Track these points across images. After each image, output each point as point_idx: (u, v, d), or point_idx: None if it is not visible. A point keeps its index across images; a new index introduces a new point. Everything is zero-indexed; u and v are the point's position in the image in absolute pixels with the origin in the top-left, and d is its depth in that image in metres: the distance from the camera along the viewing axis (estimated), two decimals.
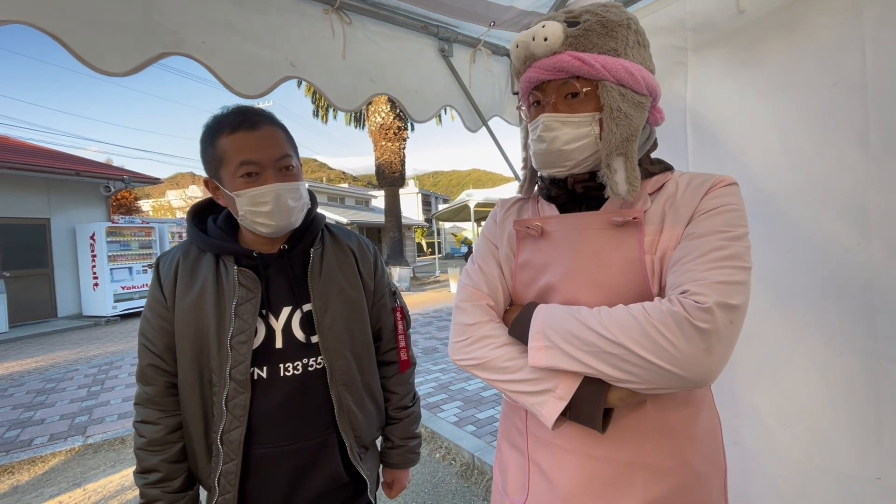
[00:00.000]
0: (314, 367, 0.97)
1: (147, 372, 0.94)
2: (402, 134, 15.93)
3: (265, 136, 0.88)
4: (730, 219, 0.67)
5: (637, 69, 0.72)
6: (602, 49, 0.71)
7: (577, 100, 0.73)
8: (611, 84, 0.70)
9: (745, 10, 1.13)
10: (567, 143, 0.73)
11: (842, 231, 0.98)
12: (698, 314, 0.58)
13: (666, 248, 0.70)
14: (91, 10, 1.05)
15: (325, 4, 1.43)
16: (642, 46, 0.75)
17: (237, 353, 0.90)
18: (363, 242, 1.12)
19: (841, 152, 0.99)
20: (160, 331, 0.94)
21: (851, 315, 0.98)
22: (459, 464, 2.97)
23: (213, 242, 0.95)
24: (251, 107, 0.92)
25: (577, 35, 0.71)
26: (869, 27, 0.94)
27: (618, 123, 0.70)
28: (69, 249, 9.95)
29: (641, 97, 0.72)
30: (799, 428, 1.09)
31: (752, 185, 1.11)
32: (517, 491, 0.83)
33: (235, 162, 0.86)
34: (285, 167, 0.90)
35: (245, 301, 0.92)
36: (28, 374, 5.55)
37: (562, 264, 0.77)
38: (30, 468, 3.10)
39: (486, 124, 1.89)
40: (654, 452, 0.71)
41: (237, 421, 0.91)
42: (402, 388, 1.15)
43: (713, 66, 1.23)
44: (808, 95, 1.04)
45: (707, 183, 0.72)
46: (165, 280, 0.95)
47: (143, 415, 0.94)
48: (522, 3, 1.67)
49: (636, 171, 0.71)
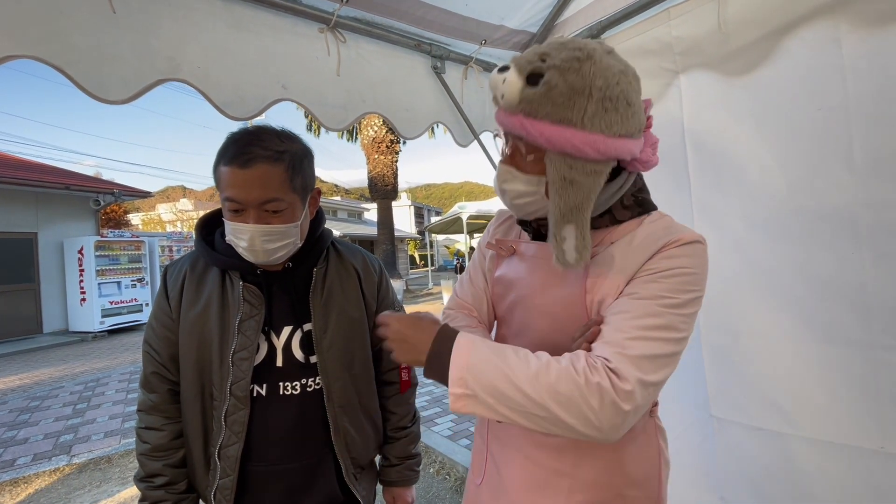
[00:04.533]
0: (312, 388, 0.97)
1: (151, 380, 0.95)
2: (395, 147, 16.04)
3: (255, 177, 0.84)
4: (676, 284, 0.65)
5: (589, 142, 0.64)
6: (555, 118, 0.64)
7: (524, 160, 0.71)
8: (554, 155, 0.66)
9: (727, 31, 1.20)
10: (517, 197, 0.74)
11: (836, 242, 1.09)
12: (624, 396, 0.60)
13: (605, 295, 0.70)
14: (94, 39, 1.08)
15: (320, 24, 1.46)
16: (610, 111, 0.64)
17: (238, 368, 0.90)
18: (369, 261, 1.11)
19: (831, 172, 1.08)
20: (165, 341, 0.95)
21: (848, 313, 1.10)
22: (454, 478, 2.93)
23: (219, 258, 0.95)
24: (255, 136, 0.87)
25: (532, 100, 0.65)
26: (848, 57, 1.02)
27: (561, 194, 0.66)
28: (56, 264, 9.79)
29: (596, 165, 0.66)
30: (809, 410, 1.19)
31: (755, 202, 1.21)
32: (477, 472, 0.93)
33: (224, 194, 0.87)
34: (271, 210, 0.87)
35: (248, 317, 0.92)
36: (11, 391, 5.41)
37: (523, 286, 0.83)
38: (12, 489, 3.01)
39: (477, 138, 1.93)
40: (581, 465, 0.78)
41: (235, 437, 0.91)
42: (401, 408, 1.14)
43: (705, 89, 1.29)
44: (796, 119, 1.12)
45: (663, 239, 0.69)
46: (172, 291, 0.96)
47: (147, 421, 0.95)
48: (512, 22, 1.72)
49: (586, 240, 0.67)
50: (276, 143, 0.88)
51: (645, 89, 1.50)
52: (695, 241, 0.69)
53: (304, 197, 0.93)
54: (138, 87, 1.14)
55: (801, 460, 1.19)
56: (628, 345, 0.62)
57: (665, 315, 0.64)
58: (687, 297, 0.66)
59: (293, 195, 0.89)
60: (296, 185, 0.89)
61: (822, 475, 1.15)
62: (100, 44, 1.09)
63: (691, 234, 0.70)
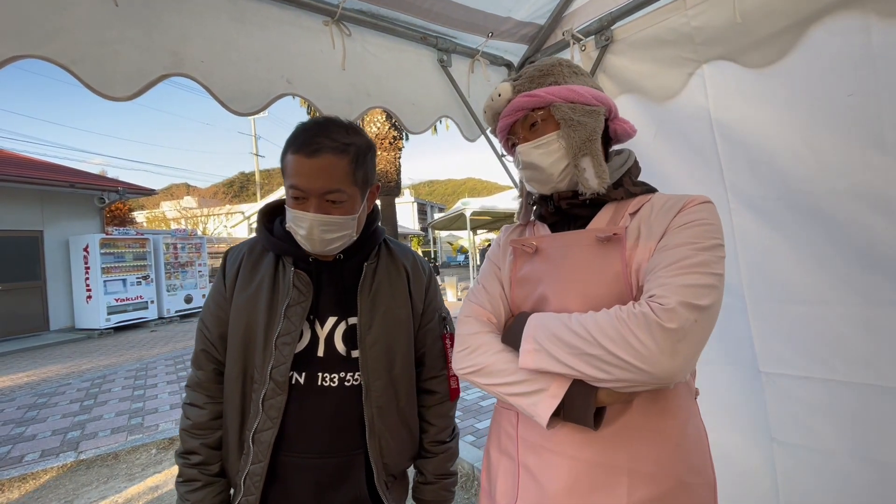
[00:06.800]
0: (351, 383, 0.96)
1: (200, 357, 0.98)
2: (398, 143, 15.99)
3: (320, 167, 0.86)
4: (700, 232, 0.73)
5: (580, 87, 0.84)
6: (544, 84, 0.85)
7: (538, 127, 0.85)
8: (559, 103, 0.83)
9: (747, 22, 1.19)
10: (542, 160, 0.84)
11: (870, 218, 1.12)
12: (663, 314, 0.64)
13: (641, 261, 0.76)
14: (97, 35, 1.06)
15: (325, 17, 1.44)
16: (580, 75, 0.89)
17: (280, 353, 0.91)
18: (419, 262, 1.10)
19: (862, 154, 1.10)
20: (217, 319, 0.98)
21: (887, 281, 1.12)
22: (459, 474, 2.93)
23: (275, 242, 0.97)
24: (324, 127, 0.90)
25: (522, 82, 0.88)
26: (878, 46, 1.03)
27: (574, 129, 0.81)
28: (62, 261, 9.84)
29: (592, 107, 0.84)
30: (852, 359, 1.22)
31: (787, 186, 1.23)
32: (506, 495, 0.86)
33: (288, 181, 0.89)
34: (331, 200, 0.88)
35: (296, 303, 0.93)
36: (19, 388, 5.45)
37: (554, 278, 0.83)
38: (20, 485, 3.03)
39: (484, 133, 1.90)
40: (638, 458, 0.75)
41: (270, 422, 0.91)
42: (441, 420, 1.08)
43: (731, 78, 1.29)
44: (825, 104, 1.13)
45: (680, 202, 0.78)
46: (230, 272, 0.98)
47: (192, 398, 0.97)
48: (519, 14, 1.69)
49: (603, 167, 0.81)
50: (343, 135, 0.90)
51: (665, 78, 1.44)
52: (706, 200, 0.78)
53: (364, 191, 0.94)
54: (142, 83, 1.13)
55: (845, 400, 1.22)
56: (668, 281, 0.68)
57: (697, 255, 0.70)
58: (712, 241, 0.72)
59: (354, 188, 0.91)
60: (358, 178, 0.91)
61: (865, 411, 1.19)
62: (103, 40, 1.07)
63: (702, 196, 0.79)
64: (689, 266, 0.69)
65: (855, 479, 1.22)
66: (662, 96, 1.42)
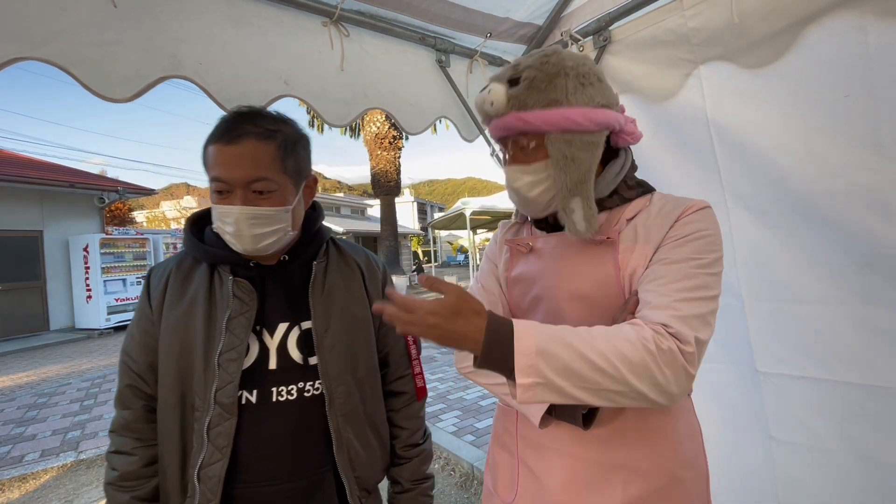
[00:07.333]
0: (311, 393, 0.87)
1: (126, 394, 0.86)
2: (398, 143, 16.01)
3: (242, 154, 0.79)
4: (701, 246, 0.71)
5: (580, 113, 0.73)
6: (542, 102, 0.73)
7: (528, 152, 0.78)
8: (555, 134, 0.74)
9: (745, 23, 1.19)
10: (529, 190, 0.79)
11: (866, 219, 1.12)
12: (690, 359, 0.63)
13: (636, 266, 0.74)
14: (96, 36, 1.06)
15: (323, 17, 1.44)
16: (587, 86, 0.75)
17: (225, 372, 0.81)
18: (372, 259, 1.04)
19: (859, 155, 1.10)
20: (144, 347, 0.86)
21: (885, 280, 1.13)
22: (459, 474, 2.94)
23: (208, 251, 0.87)
24: (247, 115, 0.84)
25: (519, 95, 0.74)
26: (874, 46, 1.03)
27: (565, 170, 0.74)
28: (62, 261, 9.84)
29: (591, 136, 0.75)
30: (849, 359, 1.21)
31: (784, 186, 1.23)
32: (507, 490, 0.87)
33: (210, 174, 0.81)
34: (258, 191, 0.80)
35: (238, 314, 0.83)
36: (19, 388, 5.46)
37: (547, 278, 0.83)
38: (21, 485, 3.04)
39: (483, 133, 1.90)
40: (633, 455, 0.76)
41: (219, 453, 0.80)
42: (411, 422, 1.03)
43: (727, 79, 1.29)
44: (822, 105, 1.13)
45: (679, 209, 0.76)
46: (155, 292, 0.87)
47: (118, 444, 0.85)
48: (518, 14, 1.69)
49: (592, 210, 0.75)
50: (269, 122, 0.83)
51: (662, 79, 1.44)
52: (705, 206, 0.76)
53: (298, 182, 0.87)
54: (141, 85, 1.13)
55: (843, 400, 1.23)
56: (679, 307, 0.65)
57: (699, 276, 0.69)
58: (713, 256, 0.71)
59: (284, 177, 0.83)
60: (288, 166, 0.83)
61: (863, 411, 1.20)
62: (102, 41, 1.07)
63: (701, 202, 0.77)
64: (693, 289, 0.67)
65: (852, 477, 1.23)
66: (660, 97, 1.42)
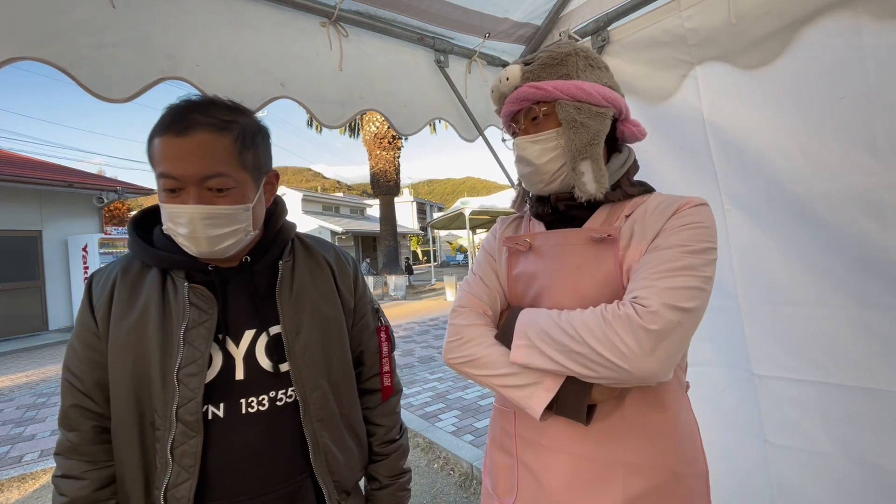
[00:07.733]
0: (284, 402, 0.83)
1: (70, 414, 0.78)
2: (397, 143, 16.01)
3: (193, 147, 0.71)
4: (692, 234, 0.73)
5: (590, 86, 0.80)
6: (555, 76, 0.82)
7: (540, 121, 0.83)
8: (565, 101, 0.80)
9: (742, 23, 1.19)
10: (538, 157, 0.83)
11: (862, 222, 1.12)
12: (646, 315, 0.66)
13: (632, 262, 0.77)
14: (95, 37, 1.07)
15: (322, 18, 1.44)
16: (596, 68, 0.84)
17: (186, 387, 0.75)
18: (341, 255, 1.00)
19: (855, 158, 1.11)
20: (88, 363, 0.78)
21: (879, 283, 1.13)
22: (458, 474, 2.94)
23: (159, 255, 0.79)
24: (198, 102, 0.76)
25: (533, 69, 0.84)
26: (869, 48, 1.03)
27: (576, 132, 0.79)
28: (61, 261, 9.84)
29: (600, 108, 0.81)
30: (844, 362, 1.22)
31: (780, 189, 1.24)
32: (507, 491, 0.87)
33: (157, 170, 0.73)
34: (213, 188, 0.73)
35: (197, 324, 0.77)
36: (18, 388, 5.46)
37: (548, 275, 0.84)
38: (20, 485, 3.04)
39: (482, 133, 1.91)
40: (633, 452, 0.77)
41: (186, 473, 0.74)
42: (388, 419, 1.01)
43: (723, 80, 1.29)
44: (818, 108, 1.14)
45: (675, 204, 0.78)
46: (98, 301, 0.78)
47: (65, 468, 0.77)
48: (516, 14, 1.70)
49: (602, 171, 0.79)
50: (223, 112, 0.76)
51: (659, 80, 1.44)
52: (703, 203, 0.78)
53: (258, 178, 0.80)
54: (139, 86, 1.13)
55: (838, 402, 1.24)
56: (653, 283, 0.69)
57: (684, 258, 0.71)
58: (703, 245, 0.73)
59: (243, 173, 0.76)
60: (246, 160, 0.76)
61: (858, 414, 1.20)
62: (100, 43, 1.08)
63: (698, 199, 0.79)
64: (676, 269, 0.69)
65: (848, 480, 1.23)
66: (657, 98, 1.43)
